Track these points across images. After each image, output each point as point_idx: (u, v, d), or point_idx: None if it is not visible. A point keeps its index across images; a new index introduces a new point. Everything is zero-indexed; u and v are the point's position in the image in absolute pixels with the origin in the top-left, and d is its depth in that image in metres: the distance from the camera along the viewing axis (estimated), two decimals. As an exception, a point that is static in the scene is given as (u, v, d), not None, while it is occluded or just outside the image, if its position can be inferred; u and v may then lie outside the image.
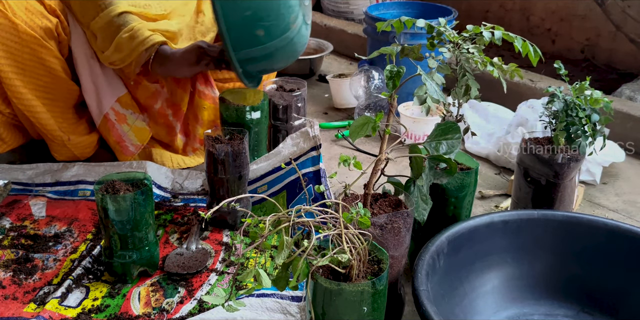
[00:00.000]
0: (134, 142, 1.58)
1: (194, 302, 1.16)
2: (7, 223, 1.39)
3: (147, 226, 1.18)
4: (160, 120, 1.63)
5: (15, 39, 1.37)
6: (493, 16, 2.90)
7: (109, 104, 1.53)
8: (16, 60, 1.39)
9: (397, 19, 1.09)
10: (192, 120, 1.69)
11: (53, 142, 1.53)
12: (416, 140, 1.82)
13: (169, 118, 1.65)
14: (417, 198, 1.08)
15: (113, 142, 1.58)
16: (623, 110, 1.85)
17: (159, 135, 1.66)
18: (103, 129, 1.57)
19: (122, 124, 1.56)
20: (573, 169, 1.26)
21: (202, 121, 1.69)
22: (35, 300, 1.16)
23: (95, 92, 1.52)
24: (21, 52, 1.39)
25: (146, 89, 1.58)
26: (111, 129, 1.56)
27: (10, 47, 1.37)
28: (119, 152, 1.59)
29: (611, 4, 2.29)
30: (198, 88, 1.66)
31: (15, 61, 1.39)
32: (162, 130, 1.66)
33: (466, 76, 1.10)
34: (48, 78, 1.44)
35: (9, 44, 1.37)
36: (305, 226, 0.86)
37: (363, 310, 0.88)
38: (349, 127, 1.03)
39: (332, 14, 3.06)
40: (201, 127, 1.70)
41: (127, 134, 1.57)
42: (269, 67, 1.48)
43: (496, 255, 1.15)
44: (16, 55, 1.38)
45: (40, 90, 1.44)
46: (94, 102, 1.53)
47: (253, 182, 1.50)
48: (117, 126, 1.55)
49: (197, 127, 1.70)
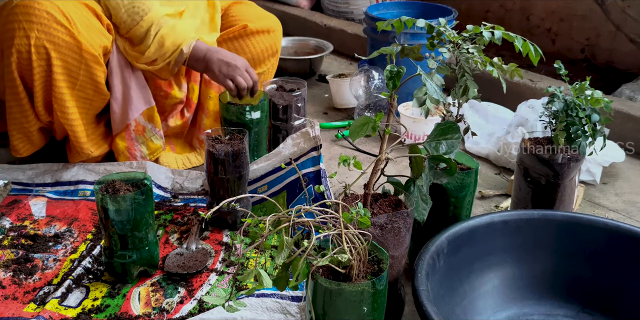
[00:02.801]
0: (143, 153, 1.61)
1: (194, 302, 1.16)
2: (7, 223, 1.39)
3: (147, 226, 1.18)
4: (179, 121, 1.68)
5: (76, 56, 1.39)
6: (493, 16, 2.90)
7: (134, 115, 1.55)
8: (71, 76, 1.41)
9: (397, 18, 1.09)
10: (199, 110, 1.73)
11: (78, 154, 1.55)
12: (416, 140, 1.82)
13: (185, 115, 1.69)
14: (417, 198, 1.08)
15: (123, 147, 1.59)
16: (623, 110, 1.85)
17: (174, 129, 1.69)
18: (118, 137, 1.58)
19: (139, 135, 1.59)
20: (573, 169, 1.26)
21: (208, 111, 1.72)
22: (35, 300, 1.16)
23: (123, 102, 1.54)
24: (78, 68, 1.41)
25: (173, 99, 1.63)
26: (127, 139, 1.58)
27: (69, 64, 1.40)
28: (125, 156, 1.60)
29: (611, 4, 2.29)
30: (205, 77, 1.70)
31: (70, 77, 1.41)
32: (177, 128, 1.70)
33: (465, 76, 1.10)
34: (92, 91, 1.46)
35: (69, 61, 1.39)
36: (305, 226, 0.86)
37: (363, 310, 0.88)
38: (349, 127, 1.03)
39: (332, 14, 3.06)
40: (206, 117, 1.73)
41: (140, 146, 1.60)
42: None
43: (496, 255, 1.15)
44: (72, 72, 1.41)
45: (81, 101, 1.46)
46: (120, 110, 1.55)
47: (253, 182, 1.50)
48: (133, 137, 1.58)
49: (203, 117, 1.73)
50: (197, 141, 1.74)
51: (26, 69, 1.37)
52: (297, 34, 2.72)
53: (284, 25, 1.86)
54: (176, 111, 1.68)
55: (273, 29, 1.75)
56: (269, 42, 1.74)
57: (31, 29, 1.34)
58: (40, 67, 1.37)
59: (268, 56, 1.76)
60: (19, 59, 1.36)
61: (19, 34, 1.34)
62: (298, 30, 2.88)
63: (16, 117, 1.46)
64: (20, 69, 1.37)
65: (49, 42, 1.35)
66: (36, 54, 1.35)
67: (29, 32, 1.34)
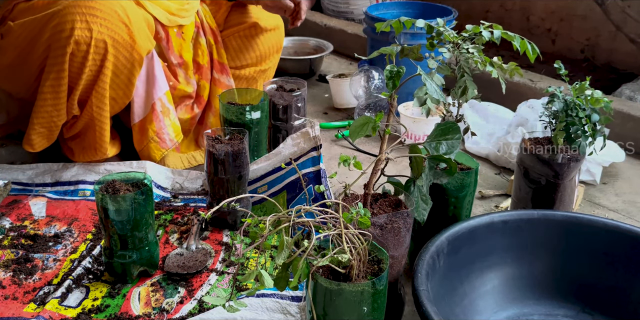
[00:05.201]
0: (171, 137, 1.61)
1: (194, 302, 1.16)
2: (7, 223, 1.39)
3: (147, 226, 1.18)
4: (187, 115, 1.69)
5: (128, 55, 1.42)
6: (493, 16, 2.90)
7: (158, 94, 1.56)
8: (115, 74, 1.43)
9: (396, 19, 1.09)
10: (206, 108, 1.74)
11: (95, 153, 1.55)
12: (416, 140, 1.82)
13: (194, 111, 1.70)
14: (417, 198, 1.08)
15: (152, 133, 1.58)
16: (623, 110, 1.85)
17: (182, 126, 1.69)
18: (147, 121, 1.58)
19: (166, 117, 1.59)
20: (573, 169, 1.26)
21: (215, 110, 1.74)
22: (35, 300, 1.16)
23: (147, 82, 1.54)
24: (124, 67, 1.43)
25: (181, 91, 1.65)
26: (155, 120, 1.57)
27: (120, 62, 1.42)
28: (155, 144, 1.59)
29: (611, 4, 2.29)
30: (214, 75, 1.72)
31: (115, 75, 1.43)
32: (186, 123, 1.71)
33: (465, 76, 1.10)
34: (122, 92, 1.49)
35: (120, 59, 1.41)
36: (306, 226, 0.86)
37: (363, 310, 0.88)
38: (349, 127, 1.03)
39: (332, 14, 3.06)
40: (214, 116, 1.75)
41: (167, 128, 1.60)
42: None
43: (496, 255, 1.15)
44: (119, 70, 1.43)
45: (112, 100, 1.48)
46: (144, 91, 1.55)
47: (253, 182, 1.50)
48: (161, 117, 1.58)
49: (210, 115, 1.75)
50: (202, 139, 1.75)
51: (79, 61, 1.39)
52: (297, 34, 2.71)
53: (284, 25, 1.87)
54: (184, 104, 1.69)
55: (279, 26, 1.82)
56: (276, 39, 1.82)
57: (94, 22, 1.36)
58: (94, 61, 1.39)
59: (273, 53, 1.82)
60: (74, 51, 1.37)
61: (81, 26, 1.35)
62: (298, 30, 2.87)
63: (48, 110, 1.46)
64: (72, 61, 1.38)
65: (110, 38, 1.37)
66: (94, 47, 1.37)
67: (92, 25, 1.35)
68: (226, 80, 1.73)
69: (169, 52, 1.61)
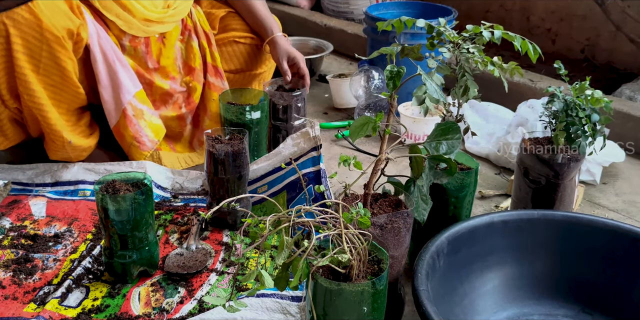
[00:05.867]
0: (150, 138, 1.59)
1: (194, 302, 1.16)
2: (7, 223, 1.39)
3: (147, 226, 1.18)
4: (173, 113, 1.67)
5: (38, 35, 1.37)
6: (493, 16, 2.90)
7: (127, 98, 1.53)
8: (33, 57, 1.39)
9: (397, 19, 1.09)
10: (201, 111, 1.73)
11: (53, 143, 1.53)
12: (416, 140, 1.82)
13: (182, 110, 1.68)
14: (417, 198, 1.08)
15: (130, 138, 1.57)
16: (623, 110, 1.85)
17: (169, 126, 1.68)
18: (120, 126, 1.56)
19: (140, 119, 1.57)
20: (573, 169, 1.26)
21: (210, 113, 1.72)
22: (35, 300, 1.16)
23: (113, 87, 1.52)
24: (40, 49, 1.38)
25: (159, 88, 1.63)
26: (129, 125, 1.55)
27: (31, 43, 1.37)
28: (135, 148, 1.58)
29: (611, 4, 2.29)
30: (208, 79, 1.70)
31: (32, 58, 1.39)
32: (173, 122, 1.69)
33: (465, 76, 1.10)
34: (59, 78, 1.44)
35: (30, 40, 1.37)
36: (306, 226, 0.86)
37: (363, 310, 0.88)
38: (349, 127, 1.03)
39: (332, 14, 3.06)
40: (209, 119, 1.73)
41: (144, 130, 1.58)
42: None
43: (496, 255, 1.15)
44: (34, 52, 1.38)
45: (50, 89, 1.44)
46: (111, 98, 1.53)
47: (253, 182, 1.50)
48: (134, 121, 1.56)
49: (205, 118, 1.74)
50: (197, 142, 1.74)
51: None
52: (297, 34, 2.72)
53: (284, 25, 1.87)
54: (167, 102, 1.66)
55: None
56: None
57: None
58: (0, 45, 1.36)
59: (269, 57, 1.79)
60: None
61: None
62: (298, 30, 2.88)
63: None
64: None
65: (9, 19, 1.33)
66: None
67: None
68: (220, 84, 1.71)
69: (147, 56, 1.60)
